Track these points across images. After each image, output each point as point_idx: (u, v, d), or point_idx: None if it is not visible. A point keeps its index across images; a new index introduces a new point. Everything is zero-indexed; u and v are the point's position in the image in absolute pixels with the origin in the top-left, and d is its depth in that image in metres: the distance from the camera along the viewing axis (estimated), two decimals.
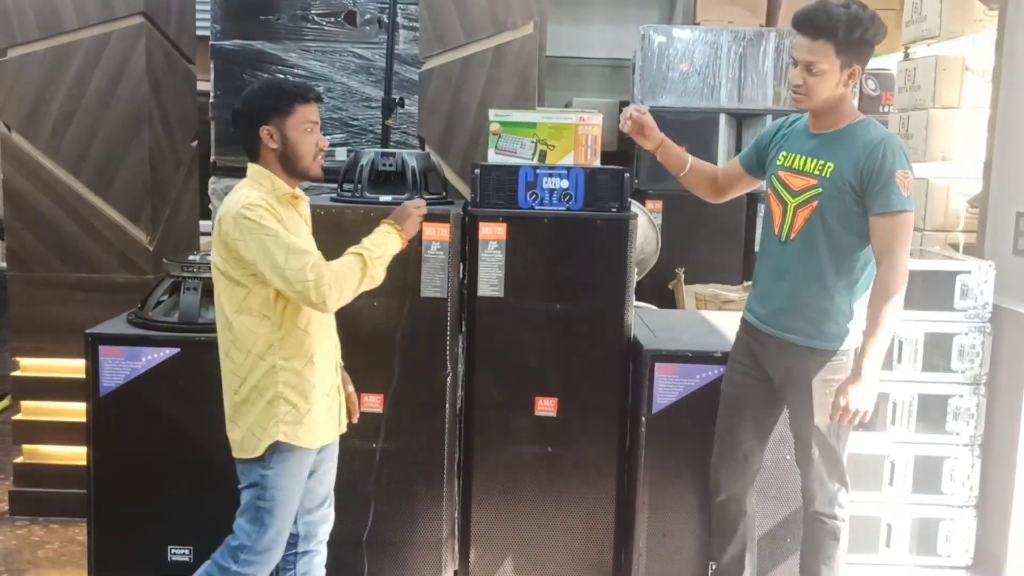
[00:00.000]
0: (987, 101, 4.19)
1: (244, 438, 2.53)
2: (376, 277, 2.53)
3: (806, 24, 2.60)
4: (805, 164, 2.72)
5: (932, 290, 3.71)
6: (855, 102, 4.56)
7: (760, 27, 5.97)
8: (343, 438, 3.20)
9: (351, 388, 2.80)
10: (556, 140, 3.25)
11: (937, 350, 3.71)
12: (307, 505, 2.68)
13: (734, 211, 5.19)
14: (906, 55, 5.06)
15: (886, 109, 5.88)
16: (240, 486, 2.60)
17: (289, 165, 2.49)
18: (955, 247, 4.62)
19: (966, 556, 3.77)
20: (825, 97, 2.64)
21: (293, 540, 2.70)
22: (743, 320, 2.94)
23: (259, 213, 2.38)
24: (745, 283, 5.02)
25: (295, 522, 2.67)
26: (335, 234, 3.16)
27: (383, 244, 2.56)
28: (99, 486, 3.18)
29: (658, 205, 5.11)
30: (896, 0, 5.57)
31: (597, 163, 3.29)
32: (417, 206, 2.70)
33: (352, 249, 2.52)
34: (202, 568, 2.62)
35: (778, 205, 2.78)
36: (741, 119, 5.35)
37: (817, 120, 2.74)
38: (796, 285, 2.73)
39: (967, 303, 3.71)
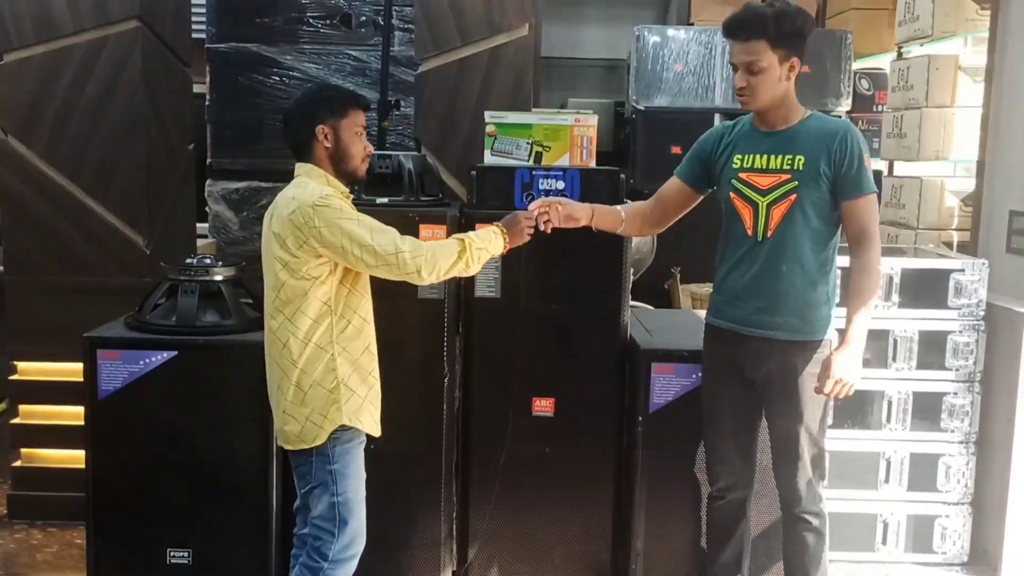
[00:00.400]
0: (980, 100, 4.23)
1: (304, 428, 2.57)
2: (472, 267, 2.63)
3: (736, 27, 2.68)
4: (769, 162, 2.75)
5: (927, 288, 3.74)
6: (849, 102, 4.61)
7: None
8: None
9: None
10: (552, 141, 3.26)
11: (932, 348, 3.73)
12: None
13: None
14: (899, 54, 5.10)
15: (879, 108, 5.90)
16: (304, 488, 2.65)
17: (339, 165, 2.62)
18: (949, 245, 4.65)
19: (962, 553, 3.79)
20: (771, 94, 2.69)
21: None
22: (711, 328, 2.93)
23: (337, 202, 2.52)
24: None
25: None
26: None
27: (488, 240, 2.66)
28: (98, 489, 3.18)
29: None
30: (889, 0, 5.59)
31: (592, 164, 3.31)
32: (528, 216, 2.78)
33: (456, 235, 2.65)
34: (293, 574, 2.67)
35: (747, 206, 2.79)
36: (735, 118, 5.36)
37: (767, 119, 2.77)
38: (778, 281, 2.74)
39: (961, 301, 3.72)
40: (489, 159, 3.30)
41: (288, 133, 2.68)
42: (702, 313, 4.12)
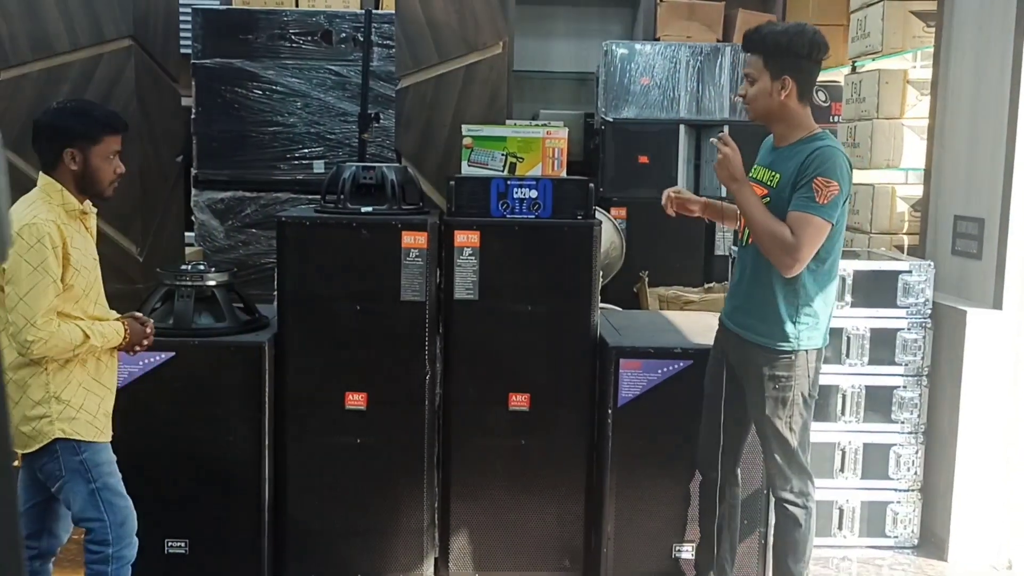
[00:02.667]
0: (927, 111, 4.46)
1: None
2: (86, 352, 2.61)
3: (744, 42, 2.94)
4: (762, 175, 2.94)
5: (877, 288, 3.96)
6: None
7: (717, 42, 6.22)
8: (329, 433, 3.39)
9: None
10: (525, 153, 3.46)
11: (882, 344, 3.95)
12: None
13: (694, 218, 5.43)
14: (853, 68, 5.33)
15: (835, 119, 6.15)
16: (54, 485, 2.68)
17: (85, 186, 2.63)
18: (900, 248, 4.88)
19: (912, 536, 3.99)
20: (764, 107, 2.86)
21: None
22: (719, 322, 3.13)
23: (40, 235, 2.49)
24: (706, 285, 5.25)
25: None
26: (319, 244, 3.36)
27: (108, 339, 2.65)
28: None
29: (622, 212, 5.31)
30: (843, 16, 5.84)
31: (563, 173, 3.50)
32: (149, 332, 2.76)
33: (87, 326, 2.59)
34: None
35: (741, 216, 2.97)
36: (700, 129, 5.57)
37: (774, 134, 2.96)
38: (750, 285, 2.93)
39: (909, 300, 3.95)
40: (466, 170, 3.47)
41: (37, 146, 2.64)
42: (667, 314, 4.35)
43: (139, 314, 2.79)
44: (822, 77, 6.26)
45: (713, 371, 3.14)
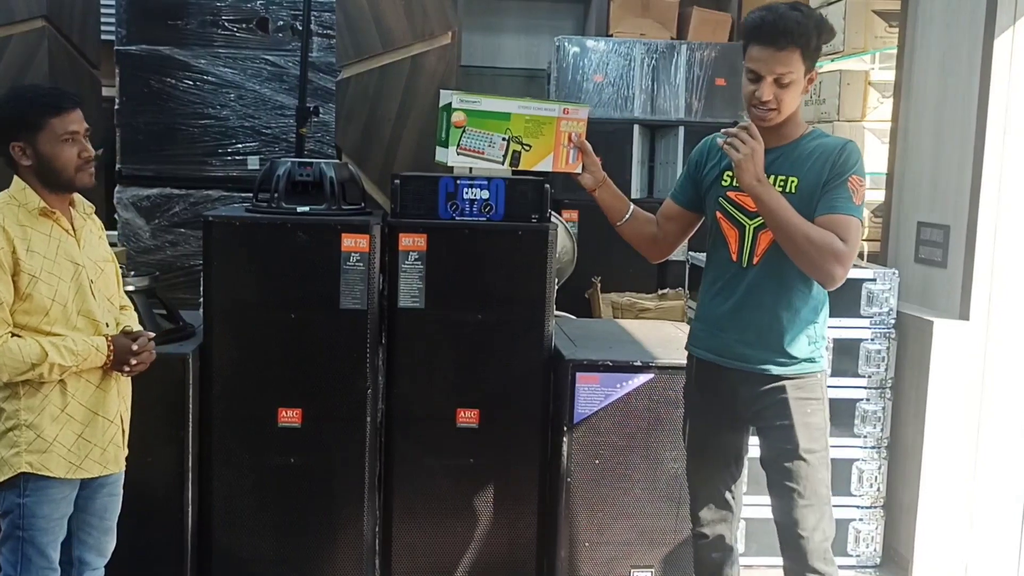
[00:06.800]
0: (889, 114, 4.37)
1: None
2: (47, 378, 2.33)
3: (775, 33, 2.34)
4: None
5: (840, 297, 3.81)
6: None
7: (671, 40, 6.10)
8: (261, 452, 3.20)
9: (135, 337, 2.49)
10: (533, 138, 2.65)
11: (845, 355, 3.83)
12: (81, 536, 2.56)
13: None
14: None
15: None
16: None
17: (49, 180, 2.36)
18: (860, 255, 4.78)
19: (875, 555, 3.89)
20: (792, 109, 2.43)
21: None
22: (694, 359, 2.66)
23: None
24: (659, 291, 5.10)
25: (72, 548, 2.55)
26: (250, 246, 3.15)
27: (83, 358, 2.36)
28: None
29: (574, 215, 5.16)
30: None
31: (579, 168, 2.71)
32: (136, 348, 2.45)
33: (50, 343, 2.32)
34: None
35: (732, 228, 2.52)
36: (654, 129, 5.47)
37: (769, 135, 2.43)
38: (762, 312, 2.48)
39: (873, 310, 3.84)
40: (454, 159, 2.66)
41: None
42: (623, 323, 4.17)
43: (134, 328, 2.49)
44: None
45: (700, 426, 2.66)
